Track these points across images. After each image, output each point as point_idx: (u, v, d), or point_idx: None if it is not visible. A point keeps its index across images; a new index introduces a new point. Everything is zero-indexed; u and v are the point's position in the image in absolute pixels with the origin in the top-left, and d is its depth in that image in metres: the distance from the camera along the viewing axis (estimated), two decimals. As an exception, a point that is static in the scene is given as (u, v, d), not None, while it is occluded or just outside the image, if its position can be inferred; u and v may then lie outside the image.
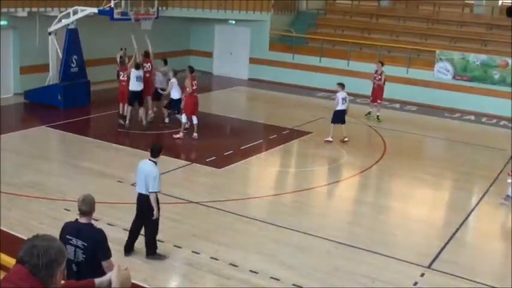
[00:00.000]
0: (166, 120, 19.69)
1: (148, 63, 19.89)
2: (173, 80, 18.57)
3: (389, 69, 25.84)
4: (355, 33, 28.95)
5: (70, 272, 6.69)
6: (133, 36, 19.86)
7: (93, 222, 7.06)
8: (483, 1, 30.02)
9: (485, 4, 29.81)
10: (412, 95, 25.40)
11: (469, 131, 22.03)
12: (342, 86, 18.89)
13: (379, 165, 17.00)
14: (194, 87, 18.07)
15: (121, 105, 19.34)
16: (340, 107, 18.66)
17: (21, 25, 22.18)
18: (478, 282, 10.38)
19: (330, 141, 18.53)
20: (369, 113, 22.52)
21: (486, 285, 10.33)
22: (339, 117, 18.70)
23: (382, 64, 22.35)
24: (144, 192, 10.04)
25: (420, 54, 26.81)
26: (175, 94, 18.70)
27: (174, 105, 18.98)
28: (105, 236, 6.91)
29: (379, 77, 22.00)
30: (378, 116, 22.03)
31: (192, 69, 18.52)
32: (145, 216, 10.22)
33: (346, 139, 18.63)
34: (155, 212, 10.08)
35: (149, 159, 10.12)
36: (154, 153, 10.14)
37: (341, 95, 18.71)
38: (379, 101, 22.06)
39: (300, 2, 31.90)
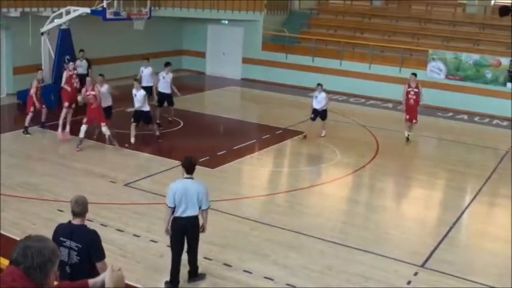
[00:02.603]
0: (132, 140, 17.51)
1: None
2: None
3: (382, 69, 26.01)
4: (347, 33, 28.98)
5: (63, 274, 6.67)
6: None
7: (86, 223, 7.04)
8: (475, 1, 30.10)
9: (477, 4, 29.89)
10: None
11: (462, 130, 22.08)
12: (322, 86, 19.56)
13: (372, 164, 17.03)
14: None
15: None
16: (321, 106, 19.28)
17: (13, 25, 22.12)
18: (472, 281, 10.40)
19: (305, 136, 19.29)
20: (408, 137, 19.63)
21: (480, 284, 10.35)
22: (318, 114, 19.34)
23: (416, 76, 19.88)
24: (195, 213, 9.30)
25: (413, 53, 26.86)
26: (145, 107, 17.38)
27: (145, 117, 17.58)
28: (99, 237, 6.89)
29: (416, 90, 19.26)
30: (408, 135, 19.61)
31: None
32: (195, 239, 9.55)
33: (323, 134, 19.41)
34: (206, 226, 9.56)
35: (188, 178, 9.28)
36: (191, 170, 9.27)
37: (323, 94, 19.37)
38: (414, 121, 19.47)
39: (293, 1, 31.91)
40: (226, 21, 29.33)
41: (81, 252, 6.73)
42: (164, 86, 19.43)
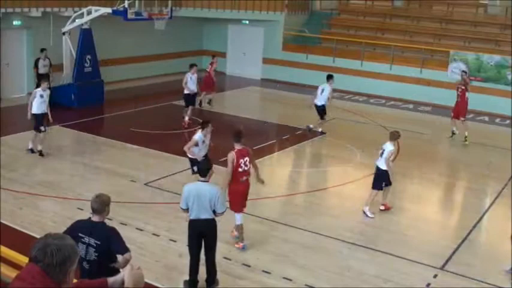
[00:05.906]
0: None
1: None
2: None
3: (403, 70, 25.88)
4: (368, 34, 28.89)
5: (82, 270, 6.72)
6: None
7: (106, 221, 7.07)
8: (497, 1, 29.87)
9: (499, 4, 29.66)
10: (425, 96, 25.31)
11: (483, 131, 21.90)
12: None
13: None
14: None
15: None
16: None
17: (35, 25, 22.29)
18: (492, 285, 10.32)
19: None
20: (453, 133, 20.07)
21: (499, 287, 10.27)
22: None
23: (466, 73, 20.27)
24: (211, 216, 9.20)
25: (434, 54, 26.71)
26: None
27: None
28: (118, 232, 6.94)
29: (463, 87, 19.73)
30: (465, 136, 19.71)
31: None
32: (212, 242, 9.43)
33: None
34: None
35: (202, 181, 9.30)
36: (205, 174, 9.30)
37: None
38: (462, 118, 19.86)
39: (314, 2, 31.87)
40: (247, 21, 29.36)
41: (100, 248, 6.77)
42: (192, 86, 19.87)
